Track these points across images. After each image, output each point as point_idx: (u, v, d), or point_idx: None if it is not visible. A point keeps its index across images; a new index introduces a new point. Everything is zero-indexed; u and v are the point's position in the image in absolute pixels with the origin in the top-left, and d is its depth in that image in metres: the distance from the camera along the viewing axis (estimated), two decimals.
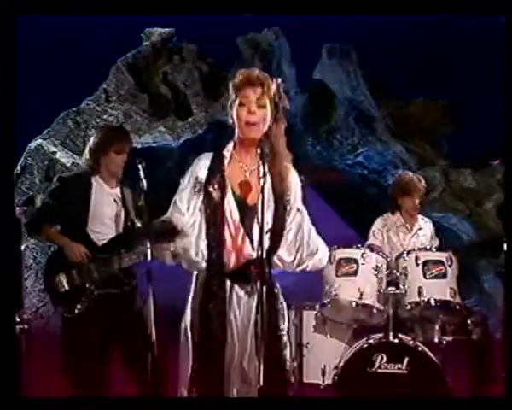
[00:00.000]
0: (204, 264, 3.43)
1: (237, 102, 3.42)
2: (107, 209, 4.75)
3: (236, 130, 3.45)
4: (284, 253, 3.50)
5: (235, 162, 3.47)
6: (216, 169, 3.45)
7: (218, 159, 3.48)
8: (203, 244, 3.42)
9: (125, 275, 4.68)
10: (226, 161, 3.46)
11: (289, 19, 8.16)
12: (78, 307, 4.62)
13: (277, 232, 3.45)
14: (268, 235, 3.39)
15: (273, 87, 3.46)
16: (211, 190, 3.42)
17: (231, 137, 3.53)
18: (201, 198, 3.44)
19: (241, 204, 3.42)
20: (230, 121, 3.47)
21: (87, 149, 4.87)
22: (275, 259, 3.47)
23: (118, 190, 4.82)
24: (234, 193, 3.42)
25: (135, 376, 4.65)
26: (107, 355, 4.75)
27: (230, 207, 3.41)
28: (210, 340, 3.39)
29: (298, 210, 3.51)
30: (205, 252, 3.41)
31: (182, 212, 3.44)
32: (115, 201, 4.78)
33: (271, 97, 3.44)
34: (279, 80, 3.54)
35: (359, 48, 9.04)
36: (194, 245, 3.42)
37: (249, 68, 3.54)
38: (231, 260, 3.41)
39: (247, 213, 3.41)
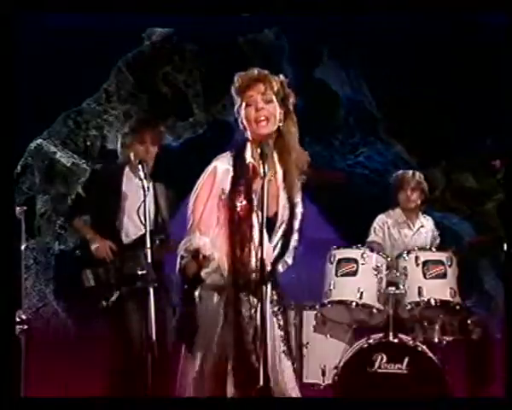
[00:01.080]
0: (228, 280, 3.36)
1: (243, 104, 3.40)
2: (135, 203, 4.59)
3: (249, 132, 3.42)
4: (289, 257, 3.50)
5: (255, 169, 3.40)
6: (241, 180, 3.36)
7: (242, 168, 3.38)
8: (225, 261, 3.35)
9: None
10: (251, 169, 3.38)
11: (289, 19, 8.16)
12: (104, 303, 4.59)
13: (287, 238, 3.45)
14: (280, 240, 3.40)
15: (276, 84, 3.45)
16: (239, 202, 3.35)
17: (231, 136, 3.52)
18: (226, 212, 3.36)
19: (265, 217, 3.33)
20: (241, 127, 3.43)
21: (119, 143, 4.86)
22: (280, 263, 3.48)
23: (147, 184, 4.72)
24: (260, 207, 3.32)
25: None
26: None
27: (256, 219, 3.32)
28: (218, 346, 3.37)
29: (290, 209, 3.48)
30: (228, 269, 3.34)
31: (211, 232, 3.33)
32: (144, 195, 4.67)
33: (276, 92, 3.43)
34: (281, 76, 3.53)
35: (359, 48, 9.03)
36: (221, 264, 3.34)
37: (247, 70, 3.53)
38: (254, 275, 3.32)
39: (269, 224, 3.36)
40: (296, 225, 3.49)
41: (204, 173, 3.44)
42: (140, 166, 4.50)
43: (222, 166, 3.41)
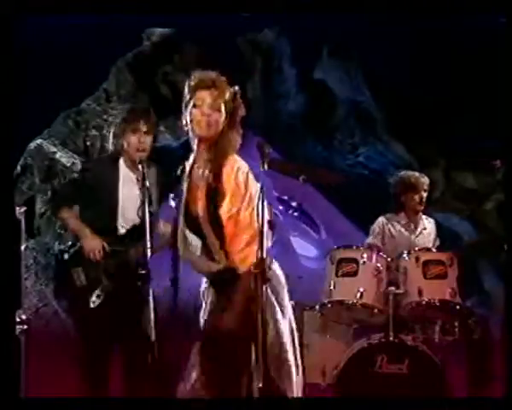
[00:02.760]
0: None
1: (191, 103, 3.45)
2: (126, 195, 4.62)
3: (189, 129, 3.52)
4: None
5: (194, 173, 3.56)
6: (179, 181, 3.60)
7: (182, 171, 3.63)
8: None
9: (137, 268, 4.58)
10: (187, 171, 3.58)
11: (289, 19, 8.15)
12: (94, 299, 4.56)
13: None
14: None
15: (228, 94, 3.47)
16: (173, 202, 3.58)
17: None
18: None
19: (188, 214, 3.49)
20: (183, 122, 3.49)
21: (110, 134, 4.85)
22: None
23: (138, 175, 4.62)
24: (185, 205, 3.51)
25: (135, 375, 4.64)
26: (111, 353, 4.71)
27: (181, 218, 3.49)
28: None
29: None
30: None
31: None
32: (136, 185, 4.57)
33: (225, 101, 3.45)
34: (236, 88, 3.56)
35: (360, 48, 9.03)
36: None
37: (206, 71, 3.56)
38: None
39: (193, 222, 3.47)
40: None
41: None
42: (140, 167, 4.49)
43: (180, 167, 3.71)
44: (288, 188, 5.40)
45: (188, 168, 3.53)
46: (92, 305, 4.55)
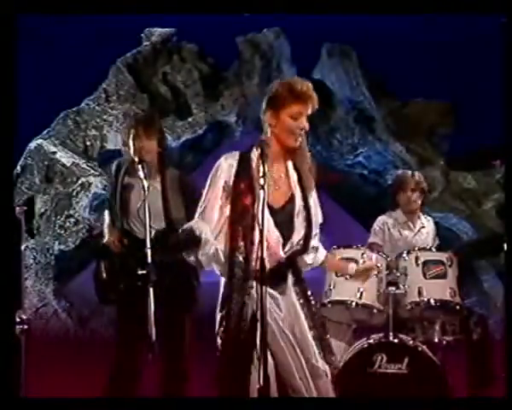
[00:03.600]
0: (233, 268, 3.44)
1: (286, 111, 3.46)
2: (139, 201, 4.54)
3: (270, 135, 3.47)
4: (309, 256, 3.62)
5: (261, 167, 3.41)
6: (244, 172, 3.47)
7: (246, 162, 3.49)
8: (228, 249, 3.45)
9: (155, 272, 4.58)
10: (254, 165, 3.45)
11: (289, 19, 8.16)
12: (112, 296, 4.59)
13: (308, 237, 3.55)
14: (302, 239, 3.50)
15: (316, 101, 3.51)
16: (239, 194, 3.44)
17: (231, 136, 3.54)
18: (229, 203, 3.47)
19: (270, 207, 3.42)
20: (266, 125, 3.48)
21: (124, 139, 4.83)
22: (298, 262, 3.55)
23: (157, 181, 4.62)
24: (263, 197, 3.38)
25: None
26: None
27: (259, 211, 3.35)
28: (243, 342, 3.40)
29: (304, 207, 3.56)
30: (235, 257, 3.43)
31: (213, 220, 3.46)
32: (144, 195, 4.50)
33: (313, 110, 3.53)
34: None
35: (359, 47, 9.04)
36: (224, 251, 3.44)
37: (306, 82, 3.53)
38: (260, 263, 3.33)
39: (276, 215, 3.45)
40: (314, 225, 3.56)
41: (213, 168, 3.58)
42: (140, 166, 4.49)
43: (227, 161, 3.54)
44: None
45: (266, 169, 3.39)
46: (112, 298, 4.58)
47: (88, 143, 9.00)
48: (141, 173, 4.44)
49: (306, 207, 3.54)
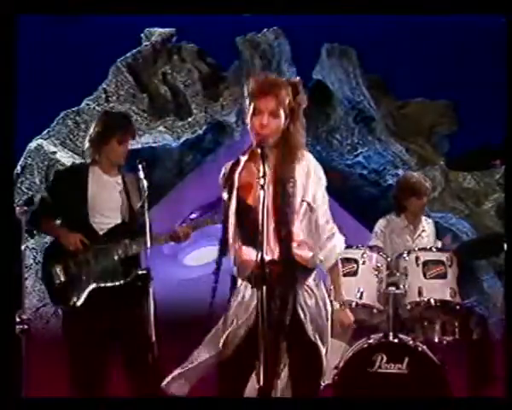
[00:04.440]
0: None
1: (251, 110, 3.42)
2: (106, 199, 4.64)
3: (252, 134, 3.45)
4: (301, 250, 3.46)
5: (250, 166, 3.47)
6: (230, 174, 3.48)
7: (236, 164, 3.50)
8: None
9: (125, 267, 4.58)
10: (240, 166, 3.47)
11: (289, 19, 8.16)
12: (75, 299, 4.55)
13: (287, 230, 3.42)
14: (277, 234, 3.38)
15: (287, 95, 3.44)
16: (224, 195, 3.46)
17: (231, 136, 3.54)
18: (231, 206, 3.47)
19: (243, 206, 3.42)
20: (249, 127, 3.46)
21: (87, 138, 4.77)
22: (296, 257, 3.44)
23: (119, 178, 4.71)
24: (238, 196, 3.43)
25: (134, 376, 4.63)
26: (108, 353, 4.69)
27: (232, 210, 3.42)
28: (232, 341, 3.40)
29: (307, 204, 3.46)
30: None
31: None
32: (115, 188, 4.67)
33: (286, 105, 3.42)
34: (298, 78, 3.53)
35: (359, 48, 9.03)
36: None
37: (264, 74, 3.53)
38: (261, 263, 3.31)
39: (249, 215, 3.39)
40: (298, 215, 3.48)
41: None
42: (140, 166, 4.50)
43: (229, 164, 3.53)
44: None
45: (241, 165, 3.46)
46: (72, 304, 4.54)
47: None
48: (141, 173, 4.44)
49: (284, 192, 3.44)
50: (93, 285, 4.55)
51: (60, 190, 4.71)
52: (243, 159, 3.48)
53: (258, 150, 3.33)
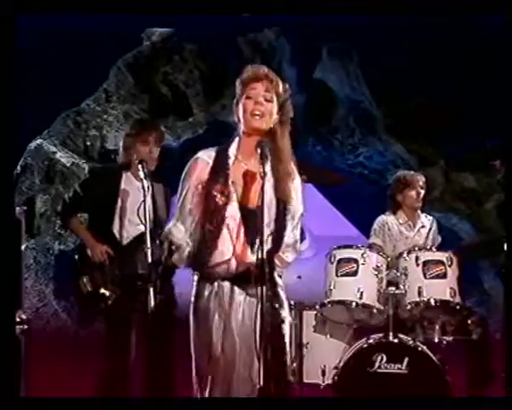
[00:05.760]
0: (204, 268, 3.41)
1: (244, 95, 3.42)
2: (134, 205, 4.59)
3: (241, 125, 3.44)
4: (285, 254, 3.48)
5: (239, 164, 3.45)
6: (220, 171, 3.42)
7: (223, 159, 3.45)
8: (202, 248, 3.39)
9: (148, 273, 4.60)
10: (231, 162, 3.44)
11: (289, 19, 8.15)
12: (102, 305, 4.59)
13: (279, 235, 3.42)
14: (270, 237, 3.35)
15: (281, 87, 3.46)
16: (214, 193, 3.39)
17: (231, 136, 3.53)
18: (203, 201, 3.41)
19: (243, 208, 3.39)
20: (235, 119, 3.46)
21: (120, 145, 4.86)
22: (275, 260, 3.44)
23: (147, 184, 4.68)
24: (237, 197, 3.40)
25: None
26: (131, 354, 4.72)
27: (233, 211, 3.38)
28: (209, 341, 3.39)
29: (301, 215, 3.50)
30: (206, 257, 3.38)
31: (187, 221, 3.42)
32: (144, 195, 4.60)
33: (279, 93, 3.44)
34: (287, 86, 3.54)
35: (359, 48, 9.03)
36: (198, 251, 3.40)
37: (258, 65, 3.54)
38: (232, 264, 3.36)
39: (249, 216, 3.37)
40: (291, 222, 3.48)
41: (187, 164, 3.54)
42: (140, 166, 4.50)
43: (203, 157, 3.50)
44: None
45: (231, 162, 3.43)
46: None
47: (88, 144, 9.00)
48: (141, 173, 4.46)
49: (278, 200, 3.43)
50: (118, 291, 4.58)
51: (92, 189, 4.74)
52: (232, 155, 3.46)
53: (258, 150, 3.32)
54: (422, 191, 5.78)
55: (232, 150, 3.46)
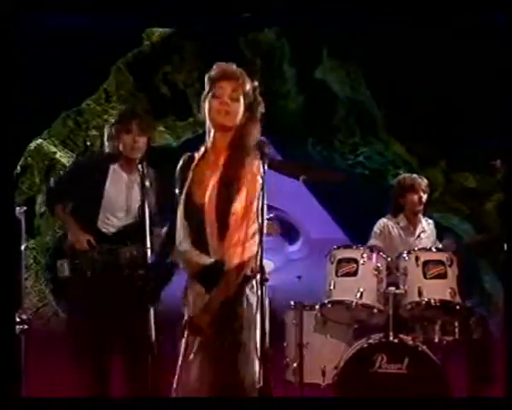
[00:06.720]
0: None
1: (211, 93, 3.41)
2: (121, 198, 4.64)
3: (207, 121, 3.44)
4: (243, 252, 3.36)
5: (204, 163, 3.47)
6: (183, 171, 3.50)
7: (188, 160, 3.52)
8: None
9: (132, 268, 4.58)
10: (194, 163, 3.48)
11: (290, 19, 8.16)
12: (77, 296, 4.56)
13: (229, 231, 3.35)
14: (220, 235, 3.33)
15: (249, 86, 3.45)
16: (176, 192, 3.47)
17: None
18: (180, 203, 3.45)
19: (190, 203, 3.41)
20: (202, 113, 3.46)
21: (105, 136, 4.82)
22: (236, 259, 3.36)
23: (136, 176, 4.70)
24: (187, 193, 3.42)
25: (134, 376, 4.64)
26: (110, 352, 4.70)
27: (181, 207, 3.42)
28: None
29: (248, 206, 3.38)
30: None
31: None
32: (131, 187, 4.65)
33: (246, 93, 3.43)
34: (255, 83, 3.53)
35: (360, 48, 9.03)
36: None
37: (226, 62, 3.53)
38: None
39: (194, 212, 3.38)
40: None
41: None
42: (140, 166, 4.50)
43: (188, 153, 3.57)
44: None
45: (196, 159, 3.48)
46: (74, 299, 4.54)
47: (88, 144, 9.00)
48: (141, 173, 4.44)
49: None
50: (97, 283, 4.55)
51: (78, 177, 4.72)
52: (196, 155, 3.49)
53: (258, 150, 3.32)
54: (425, 195, 5.75)
55: (200, 151, 3.51)
